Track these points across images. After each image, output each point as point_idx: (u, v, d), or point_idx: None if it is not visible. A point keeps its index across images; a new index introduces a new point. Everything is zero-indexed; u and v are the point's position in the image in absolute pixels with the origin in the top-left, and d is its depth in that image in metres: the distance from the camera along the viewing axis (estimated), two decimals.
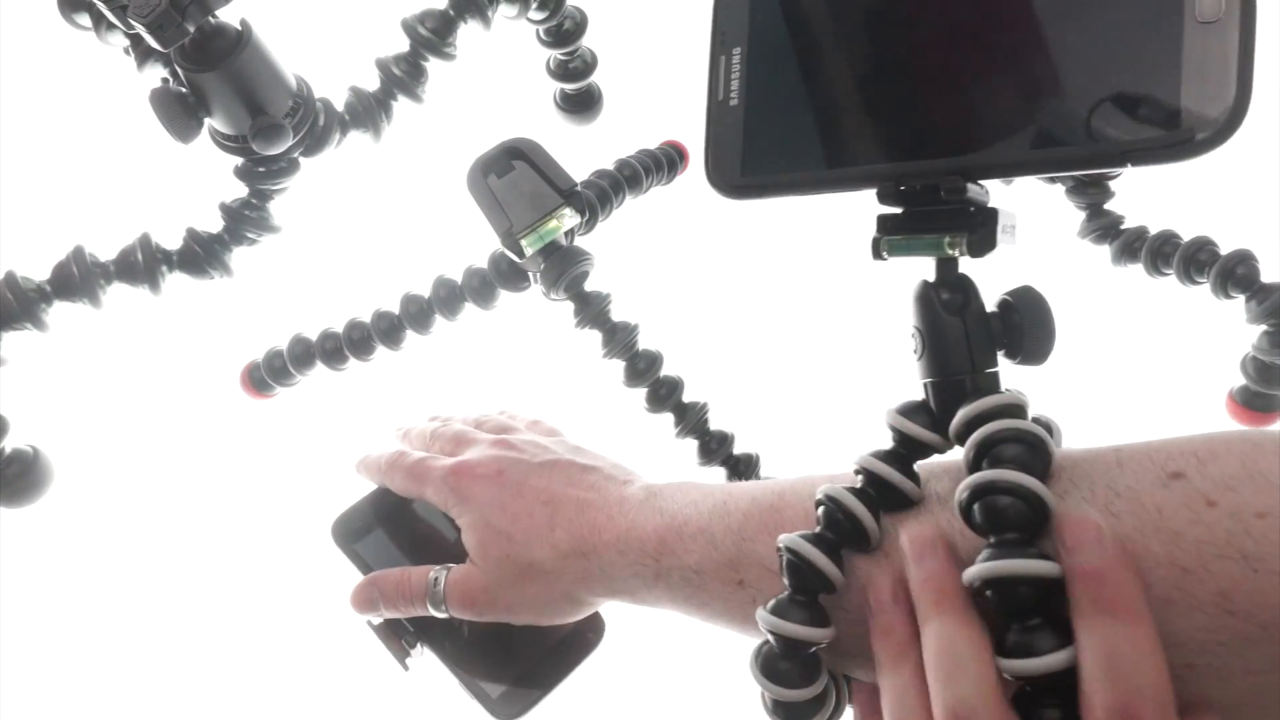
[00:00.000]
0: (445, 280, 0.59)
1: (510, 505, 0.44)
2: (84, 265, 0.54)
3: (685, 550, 0.38)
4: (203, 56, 0.48)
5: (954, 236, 0.36)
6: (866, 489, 0.33)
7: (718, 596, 0.37)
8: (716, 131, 0.41)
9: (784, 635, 0.32)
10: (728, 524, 0.37)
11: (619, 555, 0.40)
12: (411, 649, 0.47)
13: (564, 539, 0.42)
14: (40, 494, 0.59)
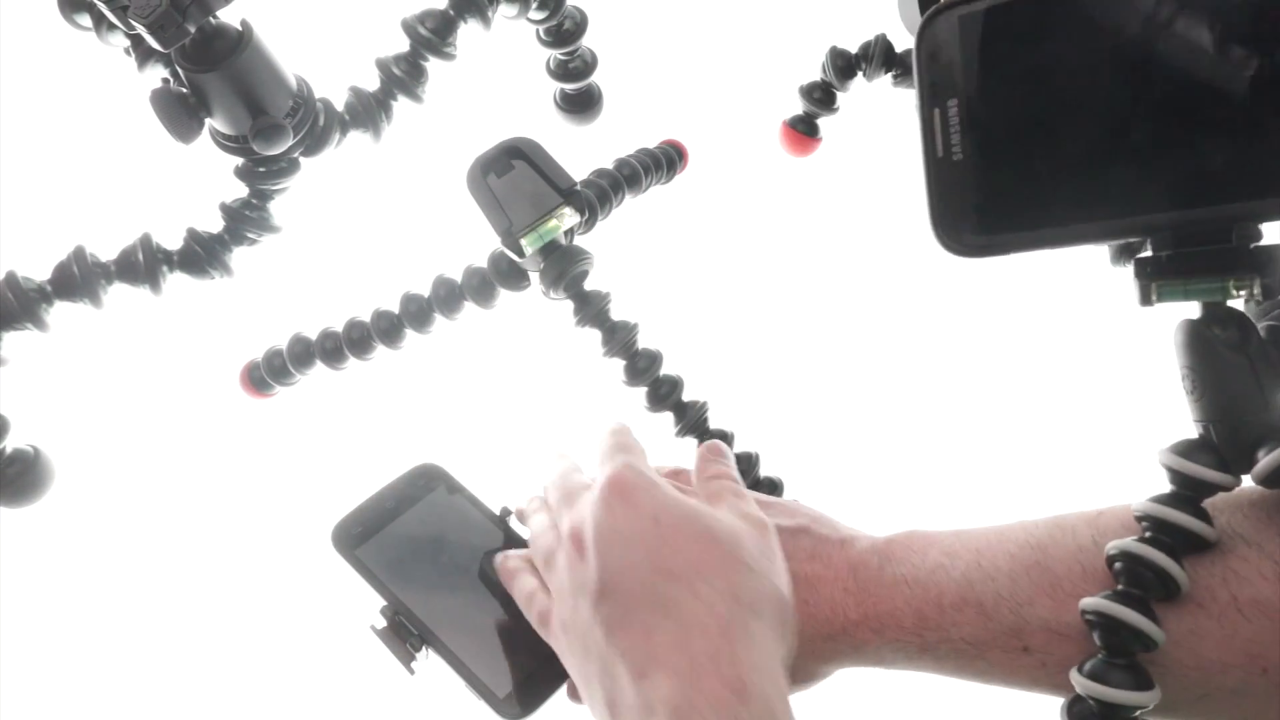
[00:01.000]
0: (445, 279, 0.59)
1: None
2: (85, 265, 0.54)
3: (952, 624, 0.35)
4: (203, 57, 0.48)
5: (1240, 280, 0.32)
6: (1159, 536, 0.31)
7: (999, 665, 0.35)
8: (941, 189, 0.36)
9: (1109, 702, 0.30)
10: (995, 590, 0.35)
11: (873, 635, 0.37)
12: (416, 651, 0.47)
13: (807, 624, 0.38)
14: (40, 494, 0.59)
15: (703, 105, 0.73)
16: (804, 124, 0.68)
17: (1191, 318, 0.34)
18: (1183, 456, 0.32)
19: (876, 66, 0.62)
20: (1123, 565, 0.31)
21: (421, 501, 0.54)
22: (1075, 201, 0.34)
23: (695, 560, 0.35)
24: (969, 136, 0.34)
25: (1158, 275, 0.34)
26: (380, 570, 0.49)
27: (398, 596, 0.48)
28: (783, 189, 0.72)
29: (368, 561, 0.50)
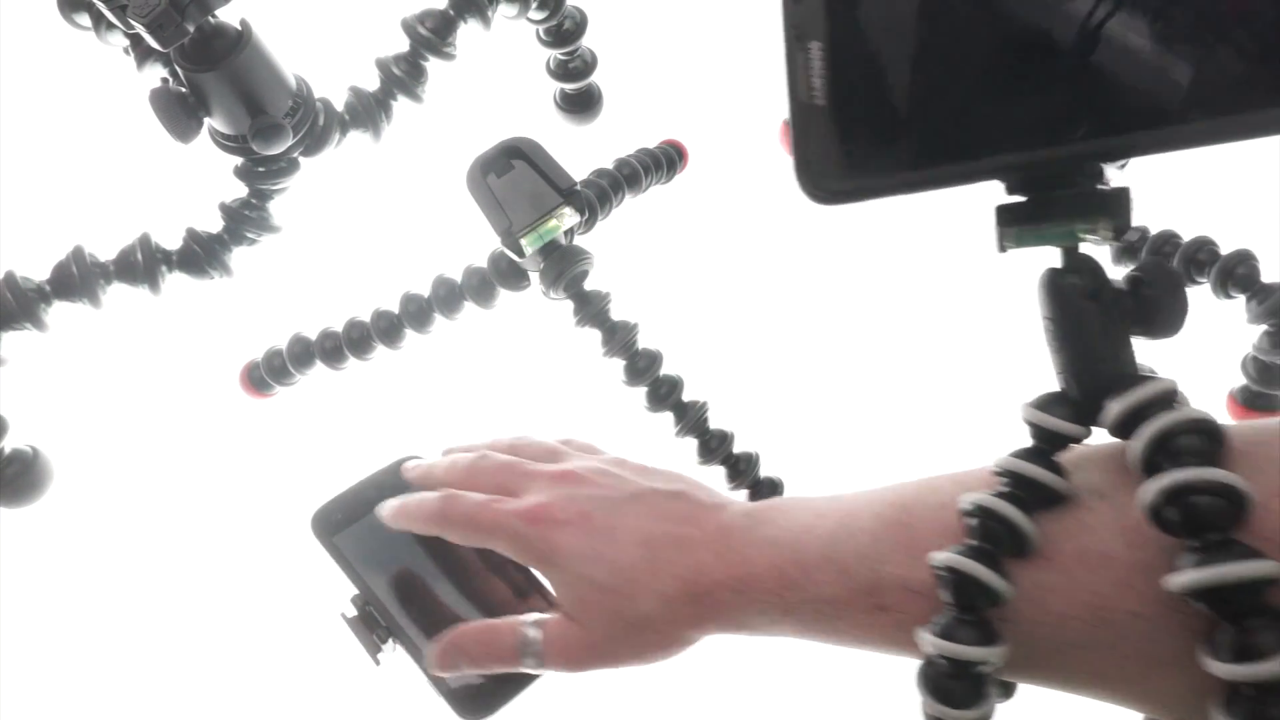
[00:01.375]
0: (445, 279, 0.59)
1: (606, 554, 0.39)
2: (84, 265, 0.54)
3: (812, 582, 0.35)
4: (202, 56, 0.48)
5: (1091, 222, 0.33)
6: (1015, 491, 0.31)
7: (858, 626, 0.34)
8: (804, 135, 0.36)
9: (954, 658, 0.30)
10: (856, 548, 0.35)
11: (735, 595, 0.37)
12: (383, 643, 0.47)
13: (670, 584, 0.38)
14: (40, 494, 0.59)
15: (703, 105, 0.73)
16: None
17: (1055, 269, 0.35)
18: (1039, 409, 0.32)
19: None
20: (975, 519, 0.31)
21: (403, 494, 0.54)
22: (929, 146, 0.34)
23: None
24: (830, 80, 0.34)
25: (1011, 222, 0.35)
26: (355, 559, 0.49)
27: (369, 587, 0.49)
28: (783, 189, 0.72)
29: (344, 549, 0.50)
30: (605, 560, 0.39)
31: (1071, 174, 0.33)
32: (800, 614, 0.36)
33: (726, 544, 0.38)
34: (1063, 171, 0.33)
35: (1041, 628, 0.30)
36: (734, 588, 0.37)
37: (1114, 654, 0.29)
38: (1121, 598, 0.29)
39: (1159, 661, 0.28)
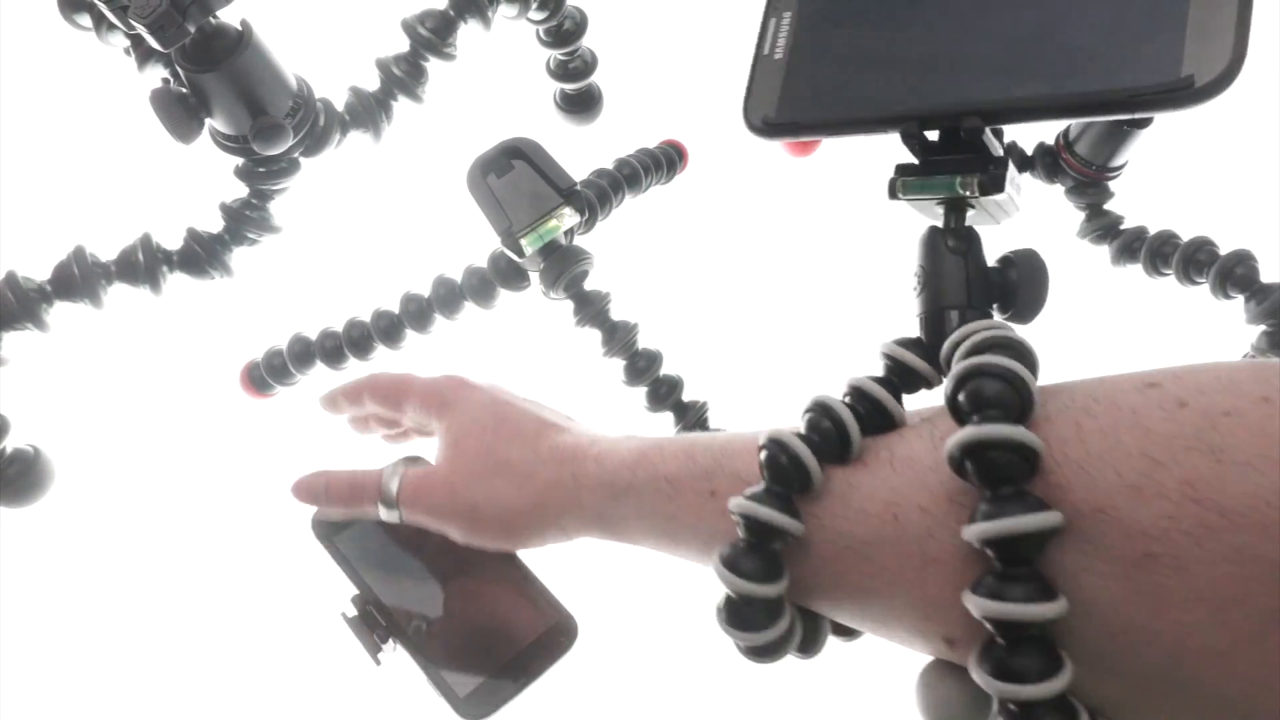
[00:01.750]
0: (445, 279, 0.60)
1: (501, 410, 0.44)
2: (85, 265, 0.54)
3: (662, 461, 0.38)
4: (203, 57, 0.48)
5: (966, 177, 0.40)
6: (854, 406, 0.33)
7: (688, 508, 0.36)
8: (758, 80, 0.45)
9: (756, 519, 0.31)
10: (709, 445, 0.37)
11: (595, 465, 0.40)
12: (383, 644, 0.47)
13: (545, 448, 0.41)
14: (40, 494, 0.59)
15: (703, 105, 0.73)
16: None
17: (936, 226, 0.42)
18: (896, 344, 0.35)
19: None
20: (810, 416, 0.33)
21: None
22: (847, 98, 0.43)
23: None
24: (790, 40, 0.44)
25: (904, 174, 0.42)
26: (355, 559, 0.50)
27: (369, 586, 0.49)
28: (783, 189, 0.72)
29: (344, 550, 0.50)
30: (499, 413, 0.43)
31: (956, 133, 0.40)
32: (641, 493, 0.38)
33: (598, 435, 0.42)
34: (947, 131, 0.40)
35: (842, 522, 0.31)
36: (596, 459, 0.40)
37: (898, 550, 0.30)
38: (915, 493, 0.30)
39: (935, 560, 0.29)
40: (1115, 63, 0.36)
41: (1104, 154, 0.63)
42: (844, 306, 0.70)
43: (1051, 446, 0.27)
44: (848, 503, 0.32)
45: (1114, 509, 0.26)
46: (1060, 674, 0.26)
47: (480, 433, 0.43)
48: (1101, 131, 0.61)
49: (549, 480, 0.41)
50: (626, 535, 0.39)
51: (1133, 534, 0.25)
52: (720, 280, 0.70)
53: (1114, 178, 0.65)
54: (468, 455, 0.42)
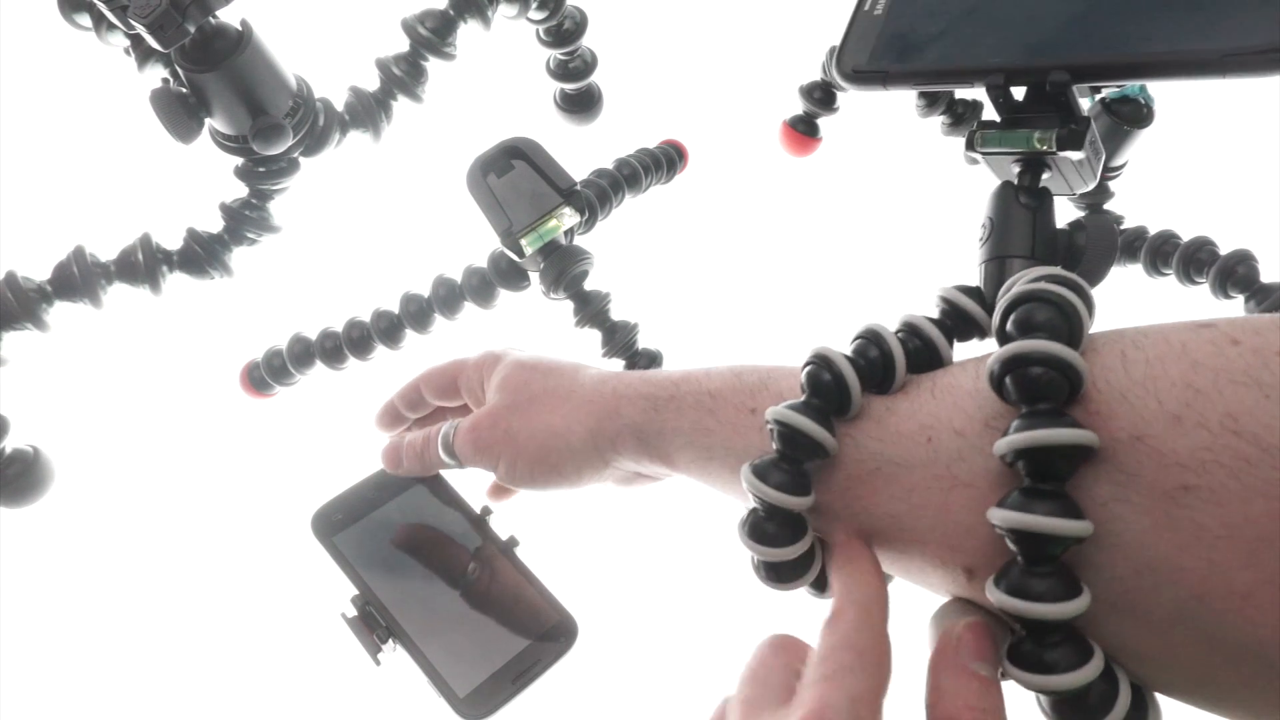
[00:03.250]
0: (445, 279, 0.59)
1: (542, 355, 0.45)
2: (84, 265, 0.54)
3: (707, 378, 0.38)
4: (203, 57, 0.48)
5: (1044, 132, 0.41)
6: (905, 340, 0.33)
7: (727, 423, 0.36)
8: (854, 32, 0.47)
9: (790, 427, 0.31)
10: (756, 368, 0.38)
11: (638, 380, 0.40)
12: (383, 644, 0.47)
13: (584, 375, 0.42)
14: (40, 494, 0.59)
15: (703, 105, 0.73)
16: (804, 124, 0.68)
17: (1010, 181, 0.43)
18: (954, 288, 0.35)
19: None
20: (859, 343, 0.34)
21: (404, 494, 0.54)
22: (938, 53, 0.44)
23: None
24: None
25: (985, 127, 0.43)
26: (355, 559, 0.50)
27: (369, 587, 0.49)
28: (783, 189, 0.72)
29: (344, 549, 0.50)
30: (544, 359, 0.44)
31: (1042, 88, 0.40)
32: (682, 404, 0.38)
33: (646, 373, 0.42)
34: (1034, 87, 0.41)
35: (875, 443, 0.31)
36: (640, 376, 0.41)
37: (928, 472, 0.30)
38: (951, 416, 0.30)
39: (965, 483, 0.29)
40: (1209, 24, 0.36)
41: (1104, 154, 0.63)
42: (844, 306, 0.70)
43: (1095, 373, 0.27)
44: (883, 424, 0.31)
45: (1152, 437, 0.25)
46: (1078, 598, 0.25)
47: (520, 371, 0.44)
48: (1101, 131, 0.61)
49: (587, 397, 0.41)
50: (663, 450, 0.39)
51: (1169, 464, 0.25)
52: (720, 280, 0.70)
53: (1114, 178, 0.65)
54: (509, 390, 0.43)
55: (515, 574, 0.49)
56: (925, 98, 0.63)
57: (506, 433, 0.42)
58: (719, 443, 0.36)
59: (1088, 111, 0.61)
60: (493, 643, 0.47)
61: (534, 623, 0.49)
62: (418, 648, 0.47)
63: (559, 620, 0.49)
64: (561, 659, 0.49)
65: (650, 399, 0.39)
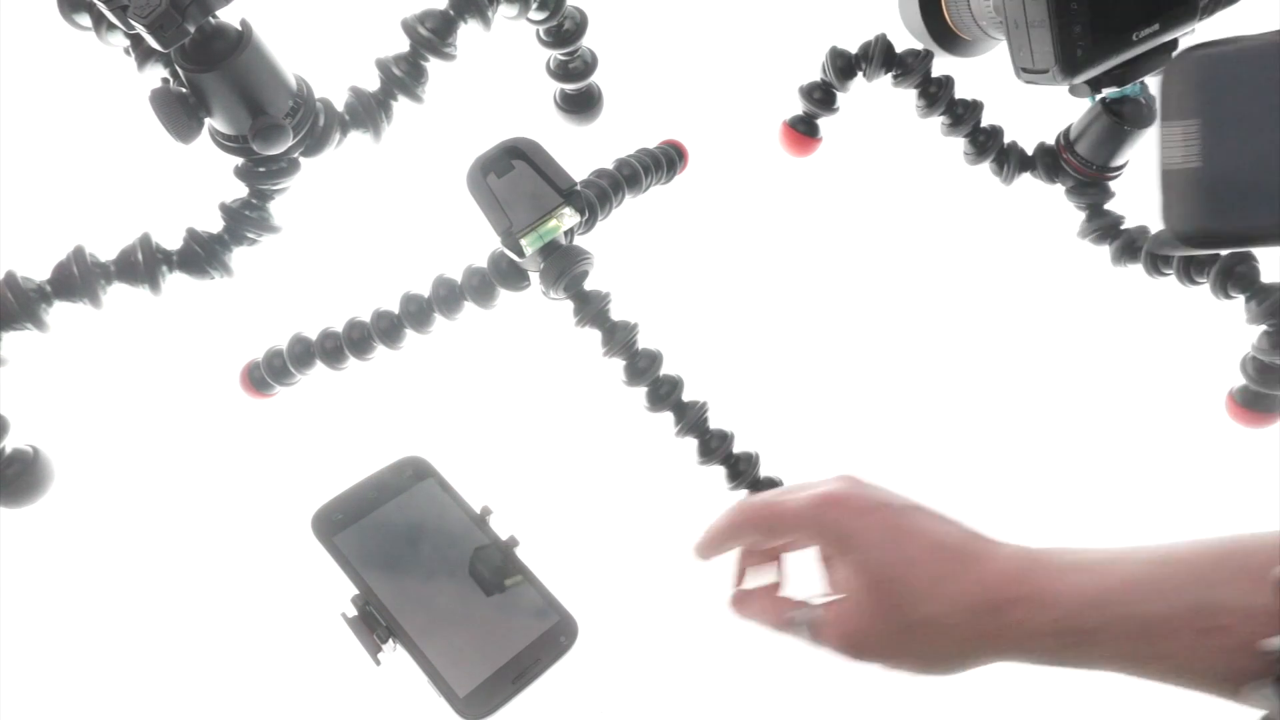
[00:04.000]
0: (445, 279, 0.59)
1: (903, 548, 0.40)
2: (84, 265, 0.54)
3: (1133, 600, 0.34)
4: (203, 57, 0.48)
5: None
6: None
7: (1184, 647, 0.33)
8: (1172, 191, 0.42)
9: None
10: (1176, 573, 0.34)
11: (1038, 610, 0.36)
12: (383, 644, 0.47)
13: (965, 592, 0.38)
14: (40, 494, 0.59)
15: (703, 105, 0.73)
16: (804, 124, 0.68)
17: None
18: None
19: (876, 67, 0.62)
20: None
21: (404, 494, 0.54)
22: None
23: None
24: (1203, 147, 0.41)
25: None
26: (355, 559, 0.50)
27: (369, 586, 0.49)
28: (783, 189, 0.72)
29: (344, 549, 0.50)
30: (902, 555, 0.39)
31: None
32: (1111, 633, 0.35)
33: (1031, 560, 0.38)
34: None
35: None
36: (1038, 601, 0.36)
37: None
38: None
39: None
40: None
41: (1104, 154, 0.63)
42: (844, 306, 0.69)
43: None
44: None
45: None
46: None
47: (890, 587, 0.39)
48: (1102, 132, 0.61)
49: (977, 633, 0.37)
50: (1083, 666, 0.36)
51: None
52: (720, 280, 0.70)
53: (1114, 178, 0.65)
54: (884, 609, 0.39)
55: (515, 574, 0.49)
56: (925, 98, 0.63)
57: (887, 655, 0.40)
58: (1158, 669, 0.34)
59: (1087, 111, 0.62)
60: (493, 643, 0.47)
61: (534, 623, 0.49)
62: (418, 648, 0.47)
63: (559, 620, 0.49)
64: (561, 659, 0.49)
65: (1062, 636, 0.35)
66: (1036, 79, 0.53)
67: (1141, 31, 0.52)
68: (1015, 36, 0.52)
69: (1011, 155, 0.65)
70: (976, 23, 0.57)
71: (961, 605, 0.38)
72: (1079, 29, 0.50)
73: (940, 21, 0.59)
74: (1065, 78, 0.51)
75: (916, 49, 0.62)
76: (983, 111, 0.64)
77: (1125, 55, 0.53)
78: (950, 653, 0.38)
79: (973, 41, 0.60)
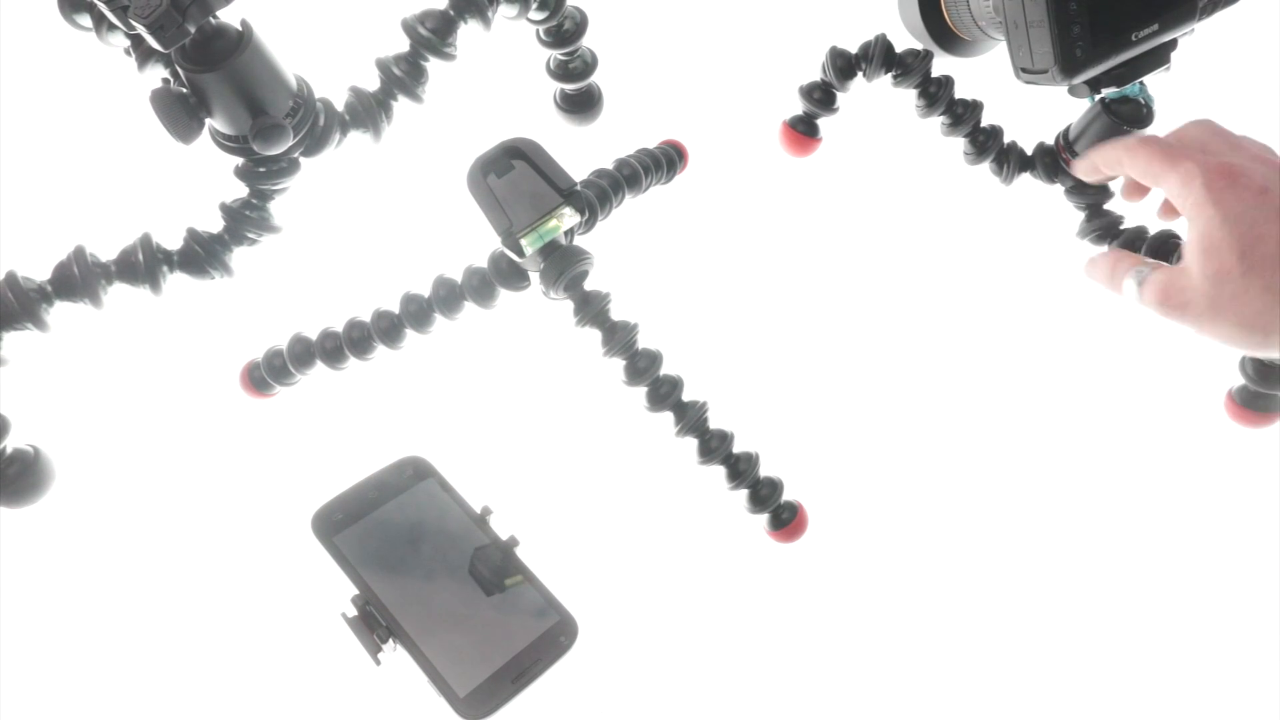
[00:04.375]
0: (445, 279, 0.59)
1: (1260, 226, 0.41)
2: (85, 265, 0.54)
3: None
4: (203, 57, 0.48)
5: None
6: None
7: None
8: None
9: None
10: None
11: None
12: (383, 644, 0.47)
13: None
14: (40, 494, 0.59)
15: (703, 105, 0.73)
16: (804, 124, 0.68)
17: None
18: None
19: (876, 67, 0.62)
20: None
21: (404, 494, 0.54)
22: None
23: None
24: None
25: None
26: (355, 559, 0.50)
27: (369, 586, 0.49)
28: (783, 189, 0.72)
29: (344, 549, 0.50)
30: (1256, 230, 0.41)
31: None
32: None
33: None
34: None
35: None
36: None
37: None
38: None
39: None
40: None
41: None
42: (844, 306, 0.70)
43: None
44: None
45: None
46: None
47: (1227, 254, 0.41)
48: (1101, 132, 0.61)
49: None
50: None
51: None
52: (720, 280, 0.70)
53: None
54: (1211, 273, 0.42)
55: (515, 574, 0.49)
56: (925, 98, 0.63)
57: (1198, 316, 0.42)
58: None
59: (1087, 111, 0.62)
60: (493, 643, 0.47)
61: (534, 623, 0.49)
62: (418, 648, 0.47)
63: (559, 620, 0.49)
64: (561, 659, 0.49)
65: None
66: (1036, 79, 0.53)
67: (1141, 32, 0.52)
68: (1014, 37, 0.52)
69: (1011, 155, 0.65)
70: (976, 23, 0.57)
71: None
72: (1078, 29, 0.50)
73: (940, 22, 0.59)
74: (1065, 78, 0.52)
75: (916, 49, 0.62)
76: (982, 111, 0.64)
77: (1125, 55, 0.53)
78: (1254, 321, 0.41)
79: (972, 42, 0.60)
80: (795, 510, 0.59)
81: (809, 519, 0.60)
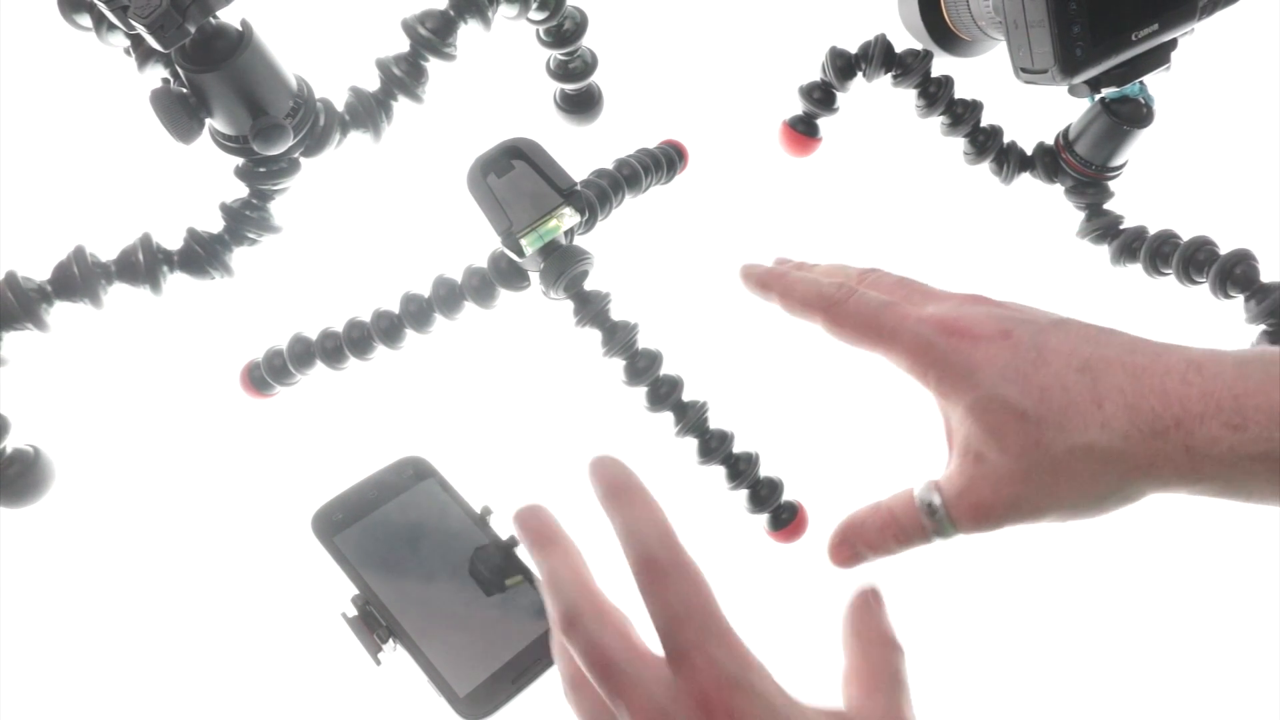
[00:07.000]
0: (445, 279, 0.60)
1: (1032, 376, 0.33)
2: (85, 265, 0.54)
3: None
4: (204, 57, 0.48)
5: None
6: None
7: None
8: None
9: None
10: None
11: (1228, 431, 0.30)
12: (383, 644, 0.47)
13: (1121, 416, 0.32)
14: (41, 494, 0.59)
15: (703, 105, 0.73)
16: (804, 124, 0.68)
17: None
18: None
19: (876, 67, 0.63)
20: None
21: (404, 494, 0.54)
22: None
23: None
24: None
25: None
26: (356, 559, 0.50)
27: (370, 586, 0.49)
28: (783, 189, 0.72)
29: (344, 549, 0.50)
30: (1032, 383, 0.33)
31: None
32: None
33: (1199, 373, 0.32)
34: None
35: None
36: (1219, 418, 0.31)
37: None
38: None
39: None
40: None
41: (1104, 154, 0.63)
42: None
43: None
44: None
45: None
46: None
47: (1020, 425, 0.33)
48: (1101, 132, 0.61)
49: (1143, 460, 0.32)
50: (1258, 497, 0.32)
51: None
52: (720, 280, 0.70)
53: (1114, 177, 0.65)
54: (1015, 452, 0.33)
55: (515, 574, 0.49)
56: (925, 98, 0.63)
57: (1031, 510, 0.34)
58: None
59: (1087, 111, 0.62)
60: (493, 643, 0.47)
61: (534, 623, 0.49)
62: (418, 648, 0.47)
63: None
64: None
65: (1247, 450, 0.30)
66: (1036, 79, 0.53)
67: (1141, 31, 0.52)
68: (1014, 36, 0.52)
69: (1011, 155, 0.65)
70: (976, 23, 0.57)
71: (1116, 432, 0.32)
72: (1078, 29, 0.50)
73: (940, 21, 0.59)
74: (1064, 78, 0.52)
75: (916, 49, 0.62)
76: (982, 111, 0.64)
77: (1125, 55, 0.53)
78: (1105, 489, 0.33)
79: (972, 41, 0.60)
80: (795, 510, 0.59)
81: (809, 519, 0.60)
